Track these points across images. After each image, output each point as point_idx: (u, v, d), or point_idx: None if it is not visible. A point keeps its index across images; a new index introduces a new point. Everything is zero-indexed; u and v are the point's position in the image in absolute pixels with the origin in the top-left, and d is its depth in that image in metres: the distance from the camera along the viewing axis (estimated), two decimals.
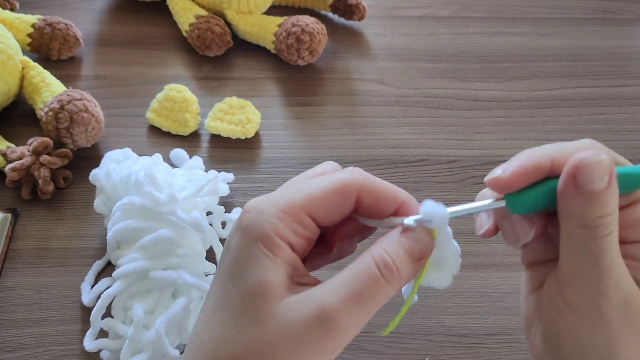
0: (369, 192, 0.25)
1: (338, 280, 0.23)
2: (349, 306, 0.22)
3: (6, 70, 0.50)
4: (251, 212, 0.25)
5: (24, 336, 0.41)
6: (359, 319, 0.23)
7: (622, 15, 0.68)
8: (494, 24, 0.66)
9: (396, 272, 0.23)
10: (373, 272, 0.23)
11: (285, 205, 0.24)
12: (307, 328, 0.22)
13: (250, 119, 0.53)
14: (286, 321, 0.22)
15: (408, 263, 0.24)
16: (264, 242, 0.24)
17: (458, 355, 0.42)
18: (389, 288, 0.23)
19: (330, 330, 0.22)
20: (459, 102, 0.58)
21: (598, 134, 0.56)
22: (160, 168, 0.44)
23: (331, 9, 0.64)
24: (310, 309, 0.22)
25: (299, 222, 0.24)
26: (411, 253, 0.24)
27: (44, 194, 0.47)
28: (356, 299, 0.23)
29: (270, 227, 0.24)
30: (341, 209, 0.25)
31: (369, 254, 0.24)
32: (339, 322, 0.22)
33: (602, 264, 0.23)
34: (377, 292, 0.23)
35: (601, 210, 0.23)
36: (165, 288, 0.40)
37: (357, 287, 0.23)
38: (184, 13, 0.60)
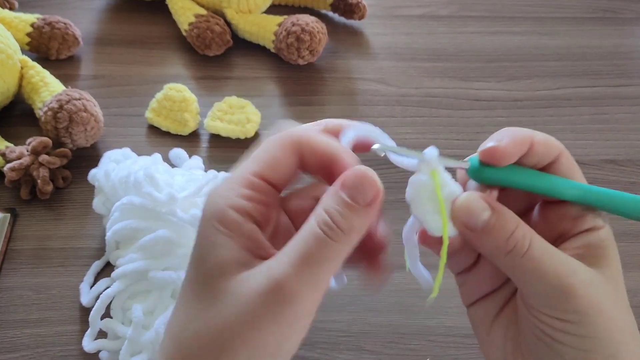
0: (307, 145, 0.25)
1: (287, 248, 0.23)
2: (299, 271, 0.22)
3: (5, 69, 0.50)
4: (209, 194, 0.25)
5: (23, 336, 0.41)
6: (313, 282, 0.22)
7: (623, 14, 0.68)
8: (494, 23, 0.66)
9: (338, 229, 0.22)
10: (316, 233, 0.22)
11: (236, 176, 0.25)
12: (261, 300, 0.22)
13: (250, 118, 0.52)
14: (240, 296, 0.22)
15: (351, 215, 0.23)
16: (217, 218, 0.24)
17: (459, 355, 0.42)
18: (337, 245, 0.23)
19: (284, 298, 0.22)
20: (460, 101, 0.58)
21: (598, 133, 0.56)
22: (160, 168, 0.44)
23: (331, 8, 0.64)
24: (262, 280, 0.22)
25: (248, 185, 0.24)
26: (352, 204, 0.23)
27: (43, 194, 0.47)
28: (305, 262, 0.22)
29: (223, 201, 0.24)
30: (284, 160, 0.25)
31: (312, 217, 0.23)
32: (292, 287, 0.22)
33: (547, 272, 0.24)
34: (326, 251, 0.22)
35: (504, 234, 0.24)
36: (165, 288, 0.40)
37: (303, 250, 0.22)
38: (183, 12, 0.59)
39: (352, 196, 0.23)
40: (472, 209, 0.24)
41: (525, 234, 0.24)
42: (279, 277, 0.22)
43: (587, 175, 0.56)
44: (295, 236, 0.23)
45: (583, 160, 0.54)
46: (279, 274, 0.22)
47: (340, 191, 0.23)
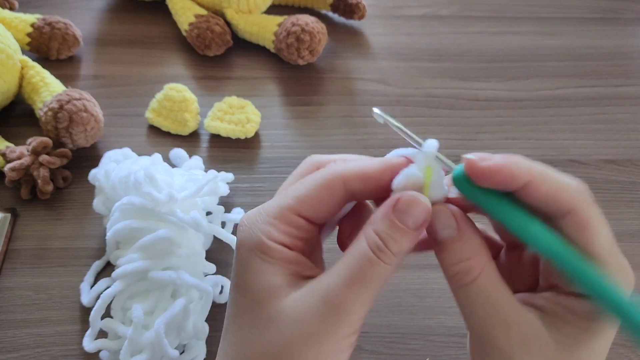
0: (355, 178, 0.25)
1: (338, 267, 0.24)
2: (351, 288, 0.23)
3: (5, 69, 0.50)
4: (244, 224, 0.26)
5: (23, 336, 0.41)
6: (363, 298, 0.23)
7: (624, 15, 0.68)
8: (495, 24, 0.66)
9: (388, 252, 0.24)
10: (368, 254, 0.24)
11: (274, 211, 0.25)
12: (318, 317, 0.23)
13: (250, 118, 0.52)
14: (296, 315, 0.23)
15: (403, 240, 0.24)
16: (259, 248, 0.25)
17: (459, 355, 0.42)
18: (386, 266, 0.24)
19: (339, 315, 0.23)
20: (460, 101, 0.58)
21: (599, 133, 0.56)
22: (160, 168, 0.44)
23: (331, 8, 0.64)
24: (317, 299, 0.23)
25: (289, 223, 0.25)
26: (403, 228, 0.24)
27: (43, 194, 0.47)
28: (356, 280, 0.23)
29: (263, 234, 0.25)
30: (330, 201, 0.25)
31: (363, 236, 0.24)
32: (345, 304, 0.23)
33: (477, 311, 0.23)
34: (377, 272, 0.23)
35: (453, 256, 0.24)
36: (165, 288, 0.40)
37: (355, 270, 0.23)
38: (183, 12, 0.59)
39: (403, 220, 0.24)
40: (439, 220, 0.24)
41: (475, 266, 0.23)
42: (332, 295, 0.23)
43: (587, 175, 0.56)
44: (345, 255, 0.24)
45: (583, 160, 0.54)
46: (332, 292, 0.23)
47: (391, 214, 0.24)
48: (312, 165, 0.28)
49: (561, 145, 0.55)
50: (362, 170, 0.25)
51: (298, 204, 0.25)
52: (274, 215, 0.25)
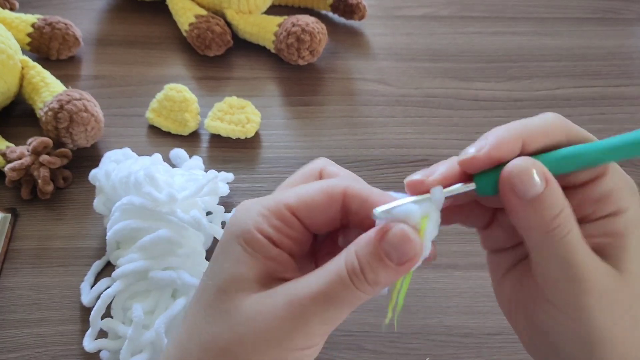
0: (355, 194, 0.24)
1: (311, 277, 0.23)
2: (317, 304, 0.22)
3: (6, 69, 0.50)
4: (238, 211, 0.25)
5: (23, 336, 0.41)
6: (327, 318, 0.23)
7: (623, 15, 0.68)
8: (494, 24, 0.66)
9: (364, 280, 0.22)
10: (341, 275, 0.22)
11: (270, 203, 0.25)
12: (275, 322, 0.22)
13: (250, 118, 0.53)
14: (255, 314, 0.23)
15: (382, 272, 0.22)
16: (244, 237, 0.24)
17: (459, 355, 0.42)
18: (357, 292, 0.22)
19: (296, 323, 0.22)
20: (460, 102, 0.58)
21: (599, 133, 0.55)
22: (160, 168, 0.44)
23: (331, 8, 0.64)
24: (279, 303, 0.23)
25: (282, 219, 0.24)
26: (386, 262, 0.22)
27: (43, 194, 0.47)
28: (323, 296, 0.22)
29: (252, 223, 0.24)
30: (326, 209, 0.25)
31: (343, 255, 0.23)
32: (305, 315, 0.22)
33: (574, 265, 0.23)
34: (347, 296, 0.22)
35: (552, 212, 0.23)
36: (165, 288, 0.40)
37: (325, 286, 0.22)
38: (183, 13, 0.59)
39: (388, 253, 0.22)
40: (527, 177, 0.23)
41: (569, 217, 0.23)
42: (295, 304, 0.22)
43: None
44: (322, 267, 0.23)
45: None
46: (297, 301, 0.22)
47: (378, 243, 0.22)
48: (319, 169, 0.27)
49: None
50: (365, 192, 0.24)
51: (295, 202, 0.24)
52: (268, 207, 0.24)
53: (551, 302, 0.24)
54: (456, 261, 0.46)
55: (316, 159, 0.28)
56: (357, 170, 0.51)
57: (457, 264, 0.46)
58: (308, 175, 0.27)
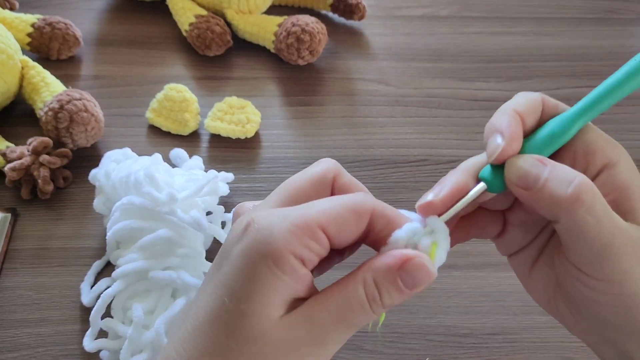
0: (382, 215, 0.25)
1: (330, 301, 0.24)
2: (338, 329, 0.24)
3: (6, 70, 0.50)
4: (261, 225, 0.23)
5: (23, 336, 0.41)
6: (344, 337, 0.24)
7: (623, 15, 0.68)
8: (494, 24, 0.66)
9: (380, 305, 0.24)
10: (361, 301, 0.24)
11: (300, 220, 0.23)
12: (303, 349, 0.23)
13: (250, 118, 0.53)
14: (282, 342, 0.23)
15: (397, 297, 0.24)
16: (274, 258, 0.23)
17: (458, 355, 0.42)
18: (373, 315, 0.24)
19: (320, 350, 0.24)
20: (460, 102, 0.58)
21: None
22: (160, 168, 0.44)
23: (331, 8, 0.64)
24: (306, 332, 0.23)
25: (314, 237, 0.23)
26: (403, 290, 0.24)
27: (43, 194, 0.47)
28: (345, 324, 0.24)
29: (284, 243, 0.23)
30: (354, 228, 0.25)
31: (361, 282, 0.24)
32: (328, 344, 0.24)
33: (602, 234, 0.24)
34: (364, 319, 0.24)
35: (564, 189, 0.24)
36: (165, 288, 0.40)
37: (345, 312, 0.24)
38: (183, 13, 0.60)
39: (405, 282, 0.24)
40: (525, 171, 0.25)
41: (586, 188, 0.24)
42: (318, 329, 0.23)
43: None
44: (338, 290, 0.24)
45: None
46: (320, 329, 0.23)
47: (396, 272, 0.24)
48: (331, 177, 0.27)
49: None
50: (391, 214, 0.25)
51: (327, 220, 0.24)
52: (298, 224, 0.23)
53: (587, 274, 0.25)
54: (456, 261, 0.46)
55: (322, 160, 0.27)
56: (357, 170, 0.51)
57: (457, 264, 0.46)
58: (319, 183, 0.26)
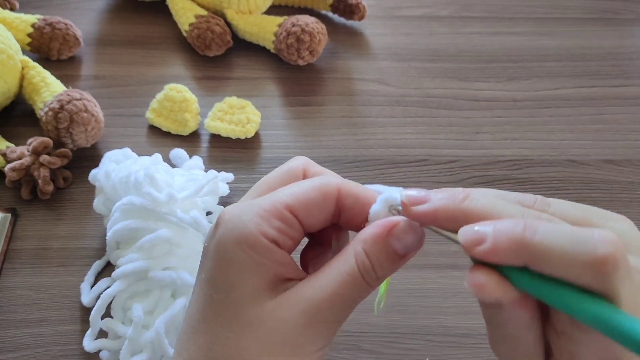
0: (348, 193, 0.25)
1: (322, 280, 0.24)
2: (334, 307, 0.23)
3: (6, 70, 0.50)
4: (231, 214, 0.24)
5: (23, 336, 0.41)
6: (342, 315, 0.24)
7: (623, 15, 0.68)
8: (494, 24, 0.66)
9: (374, 275, 0.24)
10: (354, 274, 0.23)
11: (267, 204, 0.24)
12: (297, 329, 0.23)
13: (250, 118, 0.53)
14: (277, 324, 0.23)
15: (390, 265, 0.24)
16: (248, 243, 0.23)
17: (458, 355, 0.42)
18: (368, 288, 0.24)
19: (319, 331, 0.23)
20: (459, 102, 0.58)
21: (598, 133, 0.56)
22: (160, 168, 0.44)
23: (331, 8, 0.64)
24: (298, 310, 0.23)
25: (283, 219, 0.24)
26: (395, 254, 0.24)
27: (43, 194, 0.47)
28: (340, 299, 0.23)
29: (254, 227, 0.23)
30: (322, 207, 0.25)
31: (352, 255, 0.24)
32: (325, 319, 0.23)
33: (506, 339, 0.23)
34: (359, 292, 0.24)
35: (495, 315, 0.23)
36: (165, 288, 0.40)
37: (339, 287, 0.23)
38: (183, 13, 0.60)
39: (396, 247, 0.24)
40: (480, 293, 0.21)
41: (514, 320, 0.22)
42: (315, 308, 0.23)
43: (586, 175, 0.56)
44: (330, 268, 0.24)
45: (582, 160, 0.54)
46: (315, 306, 0.23)
47: (386, 239, 0.24)
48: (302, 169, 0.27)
49: (560, 146, 0.55)
50: (357, 190, 0.25)
51: (293, 201, 0.24)
52: (266, 208, 0.24)
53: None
54: (456, 261, 0.46)
55: (294, 158, 0.28)
56: (357, 170, 0.51)
57: (457, 264, 0.46)
58: (290, 175, 0.27)
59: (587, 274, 0.19)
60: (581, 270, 0.19)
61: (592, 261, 0.18)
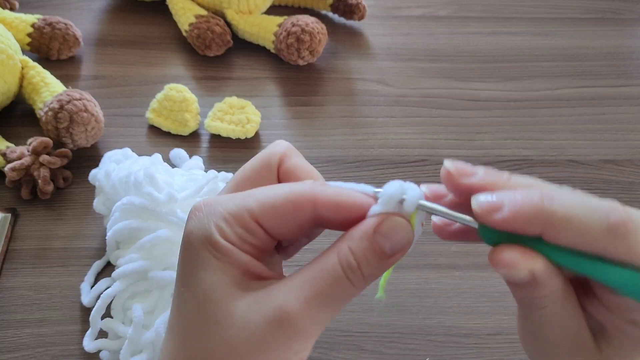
0: (327, 204, 0.23)
1: (301, 279, 0.22)
2: (311, 307, 0.22)
3: (6, 70, 0.50)
4: (199, 211, 0.23)
5: (23, 336, 0.41)
6: (322, 319, 0.22)
7: (622, 15, 0.68)
8: (492, 24, 0.66)
9: (359, 274, 0.22)
10: (337, 273, 0.22)
11: (234, 208, 0.23)
12: (269, 330, 0.21)
13: (250, 118, 0.53)
14: (247, 322, 0.22)
15: (377, 264, 0.22)
16: (210, 243, 0.22)
17: (459, 355, 0.42)
18: (354, 289, 0.22)
19: (292, 332, 0.21)
20: (459, 102, 0.58)
21: (598, 134, 0.56)
22: (160, 168, 0.44)
23: (331, 8, 0.64)
24: (270, 310, 0.22)
25: (246, 227, 0.23)
26: (382, 252, 0.22)
27: (43, 194, 0.47)
28: (319, 299, 0.22)
29: (216, 228, 0.23)
30: (293, 220, 0.23)
31: (335, 252, 0.22)
32: (301, 323, 0.21)
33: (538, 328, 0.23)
34: (342, 292, 0.22)
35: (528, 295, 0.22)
36: (165, 288, 0.40)
37: (320, 287, 0.22)
38: (183, 13, 0.60)
39: (383, 244, 0.22)
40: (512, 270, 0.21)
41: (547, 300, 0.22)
42: (288, 310, 0.21)
43: (586, 175, 0.56)
44: (310, 267, 0.22)
45: (582, 160, 0.54)
46: (289, 307, 0.21)
47: (372, 235, 0.22)
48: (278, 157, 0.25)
49: (560, 146, 0.55)
50: (336, 199, 0.23)
51: (259, 210, 0.23)
52: (230, 212, 0.23)
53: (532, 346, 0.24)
54: (456, 261, 0.46)
55: (275, 143, 0.26)
56: (357, 170, 0.51)
57: (457, 264, 0.46)
58: (264, 167, 0.25)
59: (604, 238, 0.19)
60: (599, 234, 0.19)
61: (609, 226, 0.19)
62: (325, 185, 0.24)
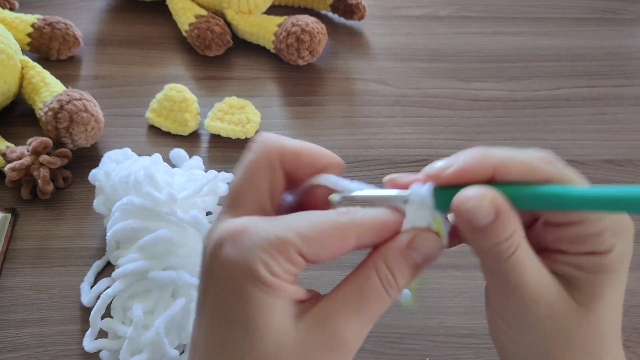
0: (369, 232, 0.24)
1: (347, 298, 0.23)
2: (359, 325, 0.23)
3: (6, 70, 0.50)
4: (237, 242, 0.23)
5: (23, 336, 0.41)
6: (366, 329, 0.24)
7: (622, 15, 0.68)
8: (493, 24, 0.66)
9: (396, 287, 0.24)
10: (377, 288, 0.24)
11: (276, 241, 0.22)
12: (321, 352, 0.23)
13: (250, 118, 0.53)
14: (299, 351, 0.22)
15: (410, 276, 0.24)
16: (258, 279, 0.22)
17: (459, 355, 0.42)
18: (390, 300, 0.24)
19: (344, 354, 0.23)
20: (459, 102, 0.58)
21: (598, 133, 0.56)
22: (160, 168, 0.44)
23: (331, 8, 0.64)
24: (321, 334, 0.23)
25: (291, 260, 0.23)
26: (415, 265, 0.24)
27: (43, 194, 0.47)
28: (362, 315, 0.23)
29: (262, 264, 0.22)
30: (337, 251, 0.23)
31: (373, 270, 0.24)
32: (353, 344, 0.23)
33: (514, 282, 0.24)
34: (383, 308, 0.24)
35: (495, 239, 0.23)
36: (165, 288, 0.40)
37: (366, 307, 0.23)
38: (183, 13, 0.60)
39: (416, 259, 0.24)
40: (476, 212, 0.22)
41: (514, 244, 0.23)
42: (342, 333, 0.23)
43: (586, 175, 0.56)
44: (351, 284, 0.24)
45: (582, 160, 0.54)
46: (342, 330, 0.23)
47: (406, 251, 0.24)
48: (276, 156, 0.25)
49: (560, 146, 0.55)
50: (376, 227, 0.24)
51: (302, 243, 0.23)
52: (273, 245, 0.22)
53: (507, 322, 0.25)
54: (456, 261, 0.46)
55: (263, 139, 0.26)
56: (357, 171, 0.51)
57: (457, 264, 0.46)
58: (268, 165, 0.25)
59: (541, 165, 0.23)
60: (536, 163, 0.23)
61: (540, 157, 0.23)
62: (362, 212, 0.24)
